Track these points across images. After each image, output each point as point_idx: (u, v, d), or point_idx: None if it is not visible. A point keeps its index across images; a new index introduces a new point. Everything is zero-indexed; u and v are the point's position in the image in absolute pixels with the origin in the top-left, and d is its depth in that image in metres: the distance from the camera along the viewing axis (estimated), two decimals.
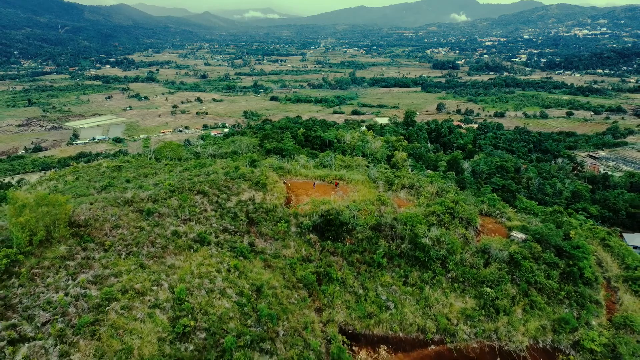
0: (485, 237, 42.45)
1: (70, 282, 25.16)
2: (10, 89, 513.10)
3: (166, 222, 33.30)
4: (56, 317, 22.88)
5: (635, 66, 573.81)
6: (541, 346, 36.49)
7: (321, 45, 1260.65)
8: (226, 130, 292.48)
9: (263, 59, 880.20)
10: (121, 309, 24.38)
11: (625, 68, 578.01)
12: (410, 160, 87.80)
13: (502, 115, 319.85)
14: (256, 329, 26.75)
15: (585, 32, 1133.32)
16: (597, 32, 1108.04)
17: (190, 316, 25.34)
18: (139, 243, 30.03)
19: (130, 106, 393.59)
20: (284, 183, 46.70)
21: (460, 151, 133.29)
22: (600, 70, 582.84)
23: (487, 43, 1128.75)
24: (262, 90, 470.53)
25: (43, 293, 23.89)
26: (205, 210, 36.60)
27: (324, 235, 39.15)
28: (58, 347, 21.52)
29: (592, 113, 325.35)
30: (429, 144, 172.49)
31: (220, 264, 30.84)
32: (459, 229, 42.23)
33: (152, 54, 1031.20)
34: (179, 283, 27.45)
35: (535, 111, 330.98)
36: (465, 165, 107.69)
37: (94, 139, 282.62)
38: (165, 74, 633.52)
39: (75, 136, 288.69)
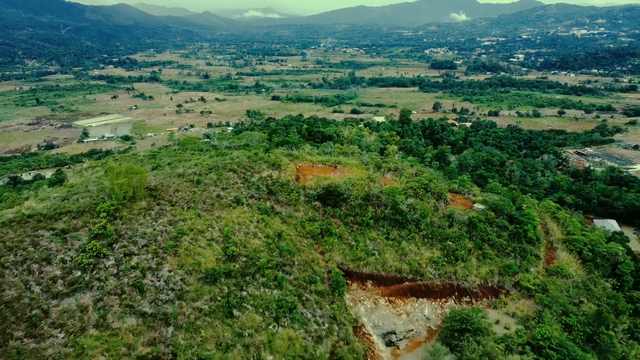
0: (452, 206, 54.28)
1: (154, 222, 36.74)
2: (17, 88, 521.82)
3: (210, 189, 44.95)
4: (150, 242, 34.51)
5: (630, 66, 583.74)
6: (489, 285, 48.31)
7: (321, 45, 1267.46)
8: (230, 128, 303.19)
9: (264, 59, 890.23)
10: (190, 240, 36.04)
11: (619, 68, 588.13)
12: (401, 153, 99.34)
13: (496, 114, 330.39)
14: (279, 258, 38.46)
15: (584, 31, 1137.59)
16: (595, 31, 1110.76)
17: (235, 247, 37.05)
18: (195, 201, 41.63)
19: (136, 105, 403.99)
20: (295, 166, 58.52)
21: (449, 146, 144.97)
22: (595, 70, 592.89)
23: (485, 43, 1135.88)
24: (263, 90, 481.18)
25: (138, 229, 35.48)
26: (236, 183, 48.24)
27: (326, 202, 50.89)
28: (155, 259, 33.20)
29: (583, 112, 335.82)
30: (423, 141, 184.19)
31: (251, 217, 42.51)
32: (431, 200, 54.02)
33: (153, 53, 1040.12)
34: (225, 227, 39.12)
35: (528, 110, 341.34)
36: (452, 158, 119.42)
37: (103, 137, 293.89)
38: (168, 74, 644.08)
39: (85, 134, 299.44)
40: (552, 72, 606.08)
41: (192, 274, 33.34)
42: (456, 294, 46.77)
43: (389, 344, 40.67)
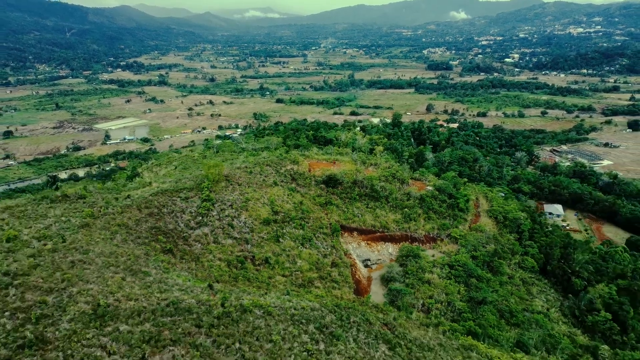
0: (410, 187, 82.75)
1: (232, 194, 64.94)
2: (34, 93, 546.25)
3: (258, 176, 73.26)
4: (232, 203, 62.85)
5: (617, 66, 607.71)
6: (431, 235, 76.62)
7: (321, 46, 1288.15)
8: (239, 130, 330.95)
9: (266, 61, 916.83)
10: (252, 203, 64.41)
11: (607, 68, 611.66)
12: (386, 152, 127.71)
13: (484, 115, 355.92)
14: (302, 215, 66.86)
15: (580, 30, 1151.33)
16: (592, 30, 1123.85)
17: (277, 207, 65.48)
18: (251, 183, 69.80)
19: (149, 109, 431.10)
20: (307, 162, 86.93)
21: (430, 146, 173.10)
22: (584, 70, 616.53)
23: (483, 42, 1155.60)
24: (267, 93, 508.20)
25: (225, 197, 63.77)
26: (272, 173, 76.58)
27: (328, 185, 79.19)
28: (236, 212, 61.57)
29: (564, 112, 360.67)
30: (412, 141, 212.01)
31: (284, 192, 70.84)
32: (396, 183, 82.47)
33: (158, 56, 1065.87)
34: (270, 197, 67.49)
35: (514, 111, 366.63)
36: (430, 156, 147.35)
37: (124, 139, 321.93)
38: (175, 78, 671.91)
39: (107, 137, 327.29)
40: (543, 72, 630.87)
41: (256, 220, 61.67)
42: (409, 240, 75.08)
43: (366, 265, 69.05)
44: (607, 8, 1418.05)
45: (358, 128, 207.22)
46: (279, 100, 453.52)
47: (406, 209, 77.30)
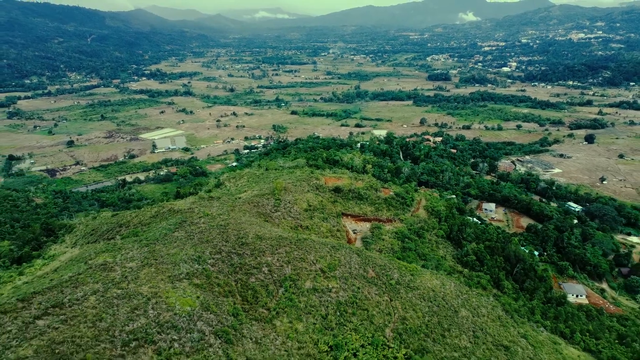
0: (380, 193, 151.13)
1: (288, 197, 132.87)
2: (76, 103, 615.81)
3: (299, 187, 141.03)
4: (290, 201, 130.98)
5: (600, 79, 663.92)
6: (390, 218, 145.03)
7: (330, 51, 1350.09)
8: (262, 141, 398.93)
9: (278, 69, 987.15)
10: (299, 201, 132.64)
11: (591, 80, 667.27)
12: (374, 168, 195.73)
13: (468, 127, 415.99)
14: (322, 207, 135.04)
15: (582, 35, 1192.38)
16: (592, 35, 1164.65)
17: (311, 203, 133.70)
18: (297, 191, 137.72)
19: (183, 120, 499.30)
20: (324, 178, 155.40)
21: (410, 161, 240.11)
22: (570, 82, 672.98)
23: (485, 48, 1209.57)
24: (283, 104, 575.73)
25: (286, 198, 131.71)
26: (306, 185, 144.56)
27: (335, 191, 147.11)
28: (292, 205, 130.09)
29: (537, 125, 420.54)
30: (400, 155, 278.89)
31: (313, 195, 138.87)
32: (373, 191, 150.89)
33: (176, 63, 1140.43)
34: (306, 198, 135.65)
35: (494, 124, 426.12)
36: (406, 169, 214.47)
37: (168, 148, 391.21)
38: (198, 87, 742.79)
39: (154, 146, 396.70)
40: (532, 84, 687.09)
41: (301, 209, 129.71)
42: (377, 221, 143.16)
43: (354, 232, 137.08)
44: (610, 12, 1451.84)
45: (359, 145, 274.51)
46: (293, 112, 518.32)
47: (377, 205, 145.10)
